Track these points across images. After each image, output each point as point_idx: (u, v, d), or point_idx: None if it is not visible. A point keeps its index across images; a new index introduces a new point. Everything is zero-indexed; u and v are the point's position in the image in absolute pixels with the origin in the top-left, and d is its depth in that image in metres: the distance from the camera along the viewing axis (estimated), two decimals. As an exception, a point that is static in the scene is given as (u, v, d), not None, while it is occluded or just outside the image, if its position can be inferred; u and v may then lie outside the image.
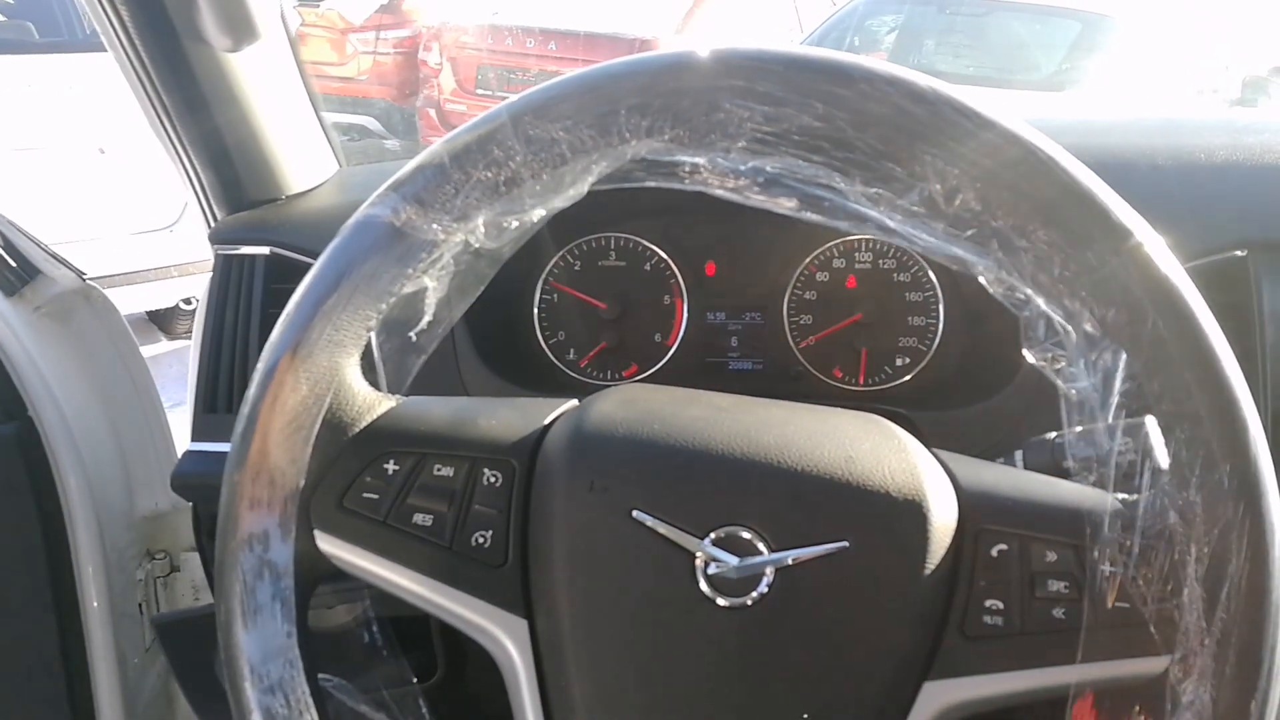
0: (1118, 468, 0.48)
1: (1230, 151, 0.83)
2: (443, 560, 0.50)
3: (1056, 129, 0.92)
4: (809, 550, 0.47)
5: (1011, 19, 4.55)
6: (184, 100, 0.85)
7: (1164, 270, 0.44)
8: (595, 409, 0.53)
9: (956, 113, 0.44)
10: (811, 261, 0.92)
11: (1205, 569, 0.43)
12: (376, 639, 0.70)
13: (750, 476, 0.49)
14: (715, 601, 0.47)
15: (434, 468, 0.51)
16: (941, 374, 0.90)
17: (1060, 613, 0.47)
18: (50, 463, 0.92)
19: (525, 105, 0.47)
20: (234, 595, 0.49)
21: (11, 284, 0.91)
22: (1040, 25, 4.51)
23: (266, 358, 0.49)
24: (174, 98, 0.85)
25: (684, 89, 0.46)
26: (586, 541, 0.49)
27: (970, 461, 0.53)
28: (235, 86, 0.87)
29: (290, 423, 0.49)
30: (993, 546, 0.48)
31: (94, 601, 0.97)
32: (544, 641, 0.49)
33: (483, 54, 5.21)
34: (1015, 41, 4.52)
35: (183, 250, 3.44)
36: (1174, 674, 0.45)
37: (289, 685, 0.49)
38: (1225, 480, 0.43)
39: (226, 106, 0.87)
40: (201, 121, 0.87)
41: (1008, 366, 0.80)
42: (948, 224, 0.46)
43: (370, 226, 0.49)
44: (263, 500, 0.49)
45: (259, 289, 0.87)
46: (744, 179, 0.49)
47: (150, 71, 0.83)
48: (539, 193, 0.49)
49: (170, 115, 0.86)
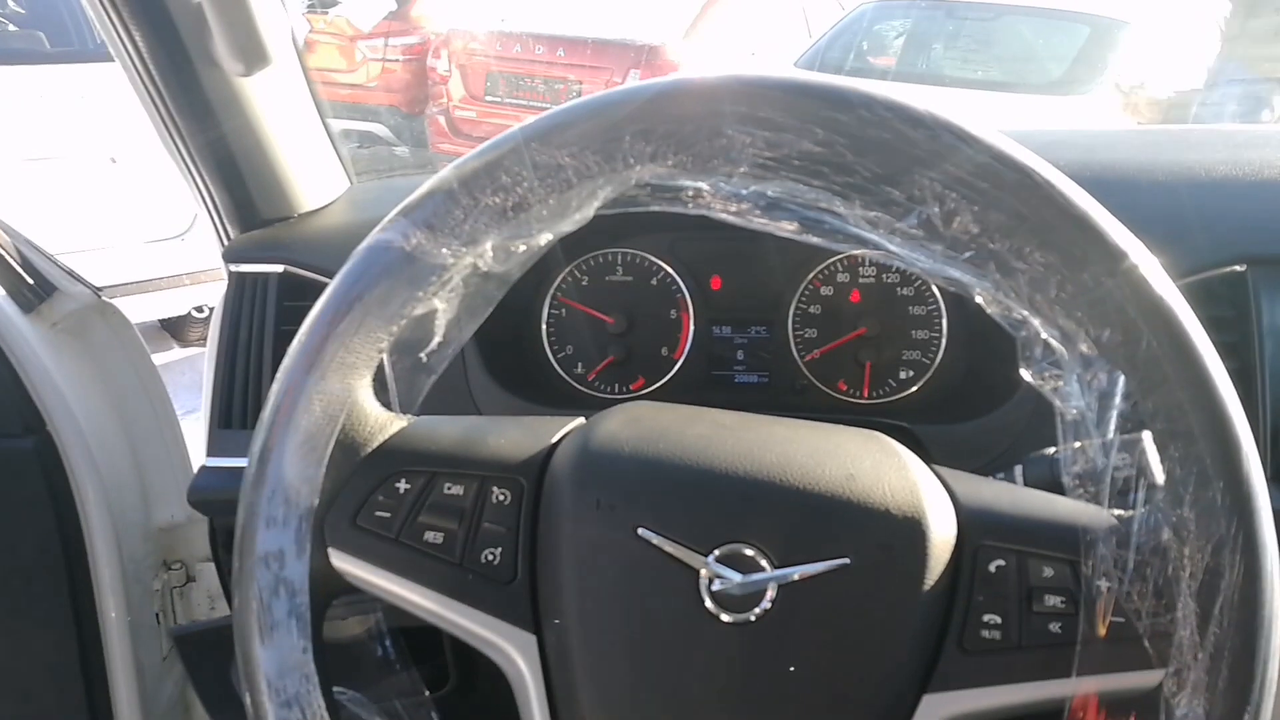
0: (1114, 484, 0.49)
1: (1230, 167, 0.83)
2: (453, 577, 0.51)
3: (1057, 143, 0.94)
4: (810, 567, 0.48)
5: (1020, 23, 4.54)
6: (197, 121, 0.87)
7: (1158, 291, 0.44)
8: (601, 428, 0.54)
9: (954, 137, 0.45)
10: (816, 276, 0.93)
11: (1199, 584, 0.44)
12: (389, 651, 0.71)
13: (753, 494, 0.50)
14: (719, 617, 0.48)
15: (444, 486, 0.52)
16: (945, 388, 0.91)
17: (1057, 627, 0.48)
18: (68, 475, 0.94)
19: (532, 132, 0.48)
20: (251, 611, 0.50)
21: (29, 301, 0.93)
22: (1049, 29, 4.49)
23: (281, 380, 0.51)
24: (187, 119, 0.87)
25: (687, 115, 0.46)
26: (593, 558, 0.50)
27: (969, 478, 0.54)
28: (247, 108, 0.88)
29: (304, 444, 0.50)
30: (991, 562, 0.49)
31: (112, 611, 0.98)
32: (552, 656, 0.50)
33: (491, 61, 5.22)
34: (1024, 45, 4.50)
35: (194, 258, 3.46)
36: (1168, 687, 0.45)
37: (305, 699, 0.50)
38: (1219, 497, 0.43)
39: (239, 127, 0.88)
40: (214, 142, 0.88)
41: (1010, 380, 0.81)
42: (946, 246, 0.47)
43: (381, 251, 0.50)
44: (278, 519, 0.50)
45: (272, 307, 0.89)
46: (746, 203, 0.50)
47: (164, 93, 0.85)
48: (546, 217, 0.50)
49: (184, 136, 0.88)
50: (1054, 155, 0.86)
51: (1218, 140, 0.92)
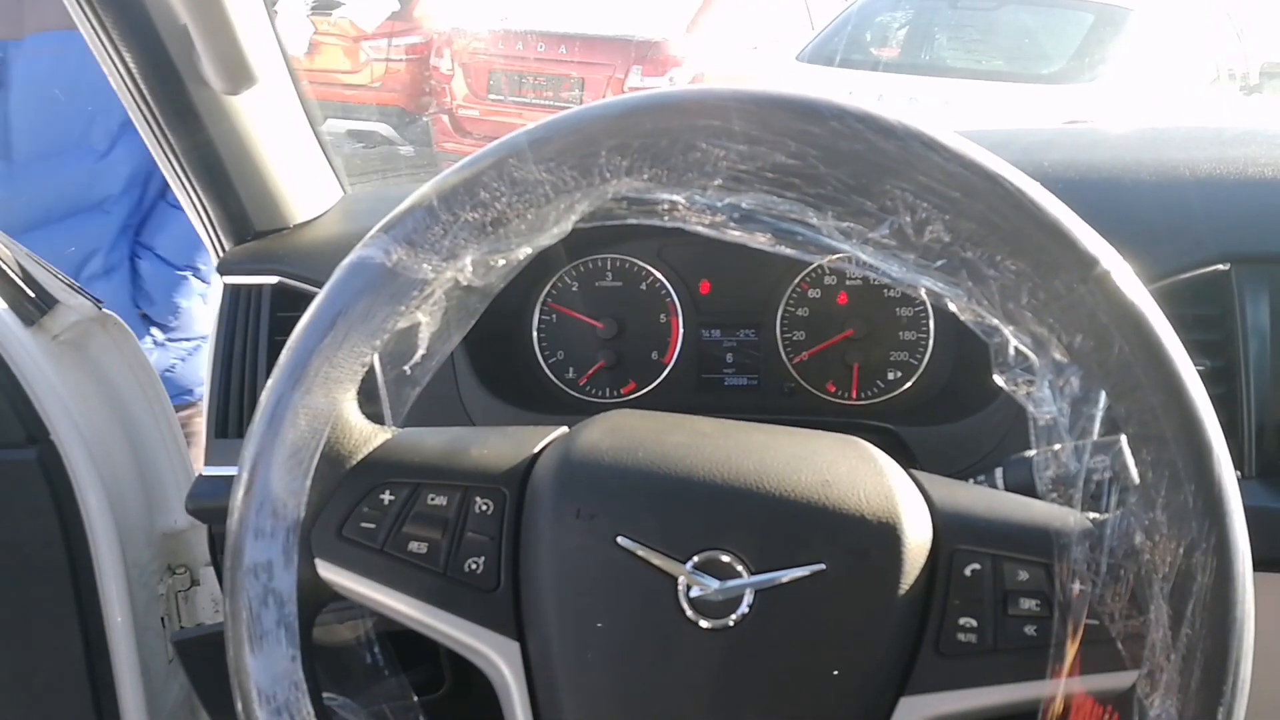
0: (1088, 487, 0.50)
1: (1214, 165, 0.83)
2: (437, 586, 0.52)
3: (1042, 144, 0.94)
4: (787, 572, 0.49)
5: (1023, 12, 4.52)
6: (188, 137, 0.88)
7: (1130, 296, 0.45)
8: (582, 437, 0.55)
9: (925, 146, 0.46)
10: (804, 279, 0.93)
11: (1171, 586, 0.44)
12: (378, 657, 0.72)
13: (730, 501, 0.51)
14: (698, 624, 0.49)
15: (428, 497, 0.53)
16: (933, 388, 0.91)
17: (1032, 630, 0.48)
18: (72, 484, 0.95)
19: (510, 148, 0.49)
20: (241, 621, 0.51)
21: (31, 314, 0.94)
22: (1052, 18, 4.47)
23: (267, 395, 0.52)
24: (178, 134, 0.88)
25: (662, 129, 0.47)
26: (574, 567, 0.51)
27: (945, 482, 0.54)
28: (238, 122, 0.89)
29: (290, 457, 0.51)
30: (966, 566, 0.50)
31: (117, 616, 1.00)
32: (535, 662, 0.51)
33: (494, 59, 5.24)
34: (1027, 35, 4.49)
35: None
36: (1142, 688, 0.46)
37: (294, 706, 0.51)
38: (1190, 500, 0.44)
39: (230, 142, 0.89)
40: (206, 156, 0.89)
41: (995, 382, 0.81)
42: (918, 255, 0.47)
43: (363, 268, 0.51)
44: (266, 531, 0.51)
45: (266, 318, 0.90)
46: (720, 215, 0.50)
47: (154, 111, 0.86)
48: (524, 232, 0.51)
49: (176, 151, 0.89)
50: (1038, 156, 0.87)
51: (1203, 138, 0.92)
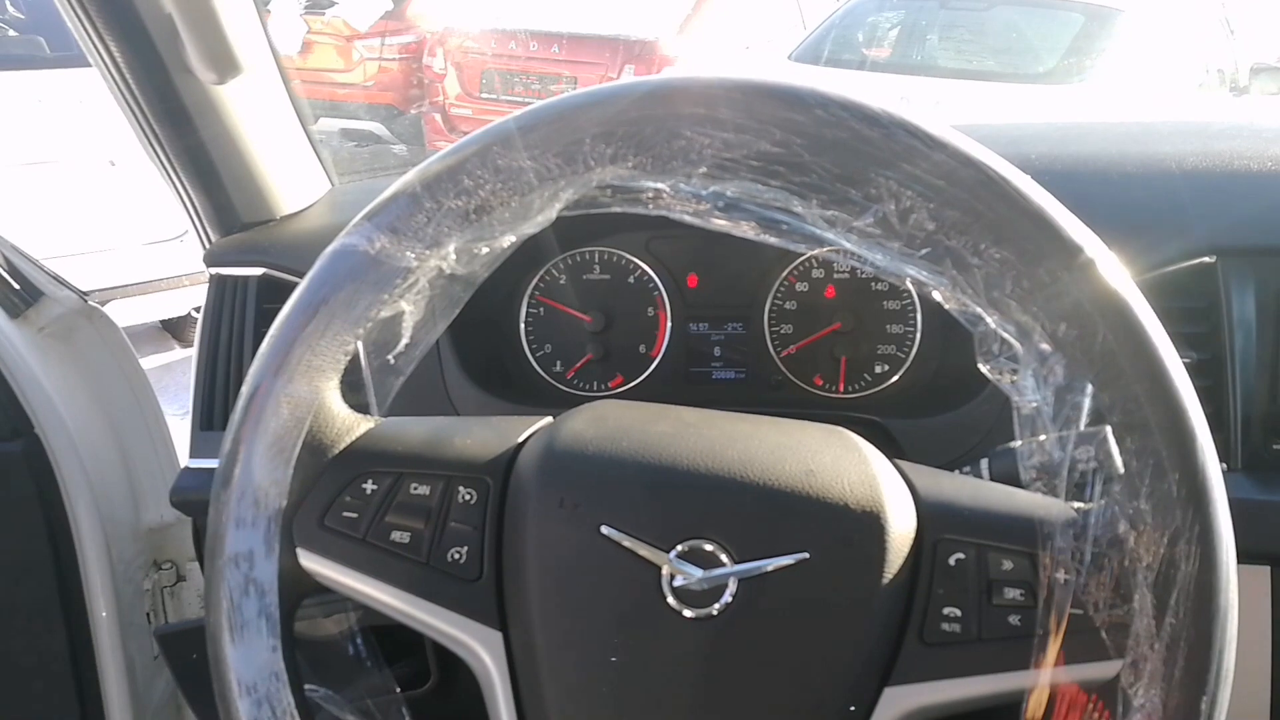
0: (1073, 477, 0.50)
1: (1200, 158, 0.84)
2: (420, 576, 0.52)
3: (1029, 137, 0.94)
4: (771, 561, 0.49)
5: (1014, 12, 4.53)
6: (174, 127, 0.87)
7: (1114, 285, 0.45)
8: (566, 427, 0.55)
9: (909, 135, 0.45)
10: (791, 272, 0.93)
11: (1155, 575, 0.44)
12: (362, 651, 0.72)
13: (713, 491, 0.50)
14: (681, 613, 0.49)
15: (411, 486, 0.53)
16: (920, 381, 0.91)
17: (1016, 619, 0.48)
18: (56, 478, 0.95)
19: (494, 136, 0.49)
20: (221, 611, 0.51)
21: (15, 306, 0.94)
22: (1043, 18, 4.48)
23: (249, 383, 0.51)
24: (164, 125, 0.87)
25: (646, 117, 0.47)
26: (558, 556, 0.51)
27: (930, 472, 0.54)
28: (224, 114, 0.89)
29: (272, 445, 0.51)
30: (950, 555, 0.50)
31: (102, 612, 0.99)
32: (518, 653, 0.51)
33: (487, 58, 5.23)
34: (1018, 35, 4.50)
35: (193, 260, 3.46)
36: (1126, 678, 0.46)
37: (275, 697, 0.51)
38: (1174, 489, 0.44)
39: (217, 133, 0.89)
40: (192, 147, 0.89)
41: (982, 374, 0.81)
42: (902, 244, 0.47)
43: (346, 255, 0.51)
44: (247, 520, 0.51)
45: (252, 309, 0.89)
46: (705, 204, 0.50)
47: (140, 100, 0.85)
48: (508, 220, 0.51)
49: (162, 141, 0.88)
50: (1025, 149, 0.87)
51: (1189, 132, 0.92)
